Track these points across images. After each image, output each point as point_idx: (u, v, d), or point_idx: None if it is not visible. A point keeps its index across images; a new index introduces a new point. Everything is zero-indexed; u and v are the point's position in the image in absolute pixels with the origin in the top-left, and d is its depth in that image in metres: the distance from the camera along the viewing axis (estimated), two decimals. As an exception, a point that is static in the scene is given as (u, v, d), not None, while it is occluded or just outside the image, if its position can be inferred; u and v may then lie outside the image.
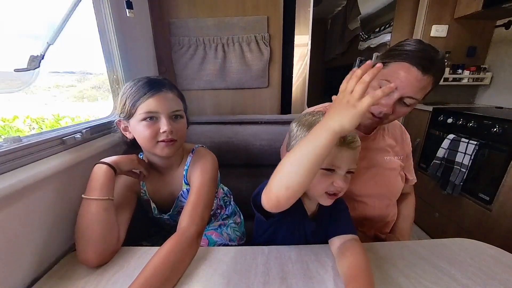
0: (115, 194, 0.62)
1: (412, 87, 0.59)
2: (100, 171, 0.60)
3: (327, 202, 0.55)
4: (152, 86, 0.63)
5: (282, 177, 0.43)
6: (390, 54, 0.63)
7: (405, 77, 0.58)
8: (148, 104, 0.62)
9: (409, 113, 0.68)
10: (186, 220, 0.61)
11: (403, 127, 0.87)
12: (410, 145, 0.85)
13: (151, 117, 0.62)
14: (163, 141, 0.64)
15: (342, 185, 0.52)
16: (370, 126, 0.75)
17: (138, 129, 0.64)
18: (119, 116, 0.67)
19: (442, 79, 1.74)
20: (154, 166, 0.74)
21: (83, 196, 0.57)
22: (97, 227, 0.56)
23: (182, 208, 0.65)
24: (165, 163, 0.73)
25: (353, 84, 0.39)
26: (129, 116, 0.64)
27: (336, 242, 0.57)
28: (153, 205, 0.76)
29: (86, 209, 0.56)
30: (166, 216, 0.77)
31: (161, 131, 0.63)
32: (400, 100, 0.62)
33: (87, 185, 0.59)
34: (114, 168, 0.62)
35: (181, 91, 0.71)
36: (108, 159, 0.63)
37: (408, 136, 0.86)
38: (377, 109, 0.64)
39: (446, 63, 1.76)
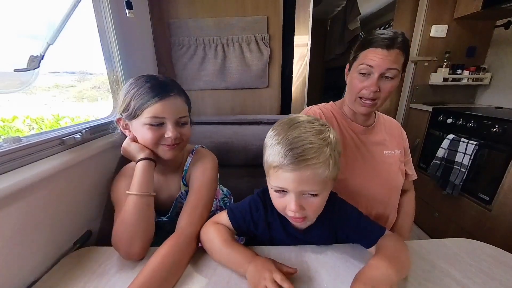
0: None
1: (384, 61, 0.67)
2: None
3: (294, 223, 0.55)
4: (161, 89, 0.61)
5: (209, 250, 0.57)
6: (358, 48, 0.73)
7: (375, 57, 0.68)
8: (155, 109, 0.60)
9: (408, 113, 0.71)
10: (184, 221, 0.60)
11: (399, 124, 0.90)
12: (407, 141, 0.88)
13: (157, 122, 0.62)
14: (166, 144, 0.63)
15: (294, 208, 0.47)
16: (367, 114, 0.77)
17: (141, 131, 0.63)
18: (120, 114, 0.66)
19: (442, 79, 1.76)
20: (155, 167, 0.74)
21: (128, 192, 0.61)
22: (141, 222, 0.59)
23: (181, 209, 0.65)
24: (165, 163, 0.73)
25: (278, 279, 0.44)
26: (132, 117, 0.63)
27: (373, 249, 0.57)
28: None
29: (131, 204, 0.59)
30: (165, 219, 0.77)
31: (166, 136, 0.62)
32: (382, 76, 0.69)
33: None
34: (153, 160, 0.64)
35: (187, 93, 0.70)
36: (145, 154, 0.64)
37: (404, 132, 0.89)
38: (365, 91, 0.71)
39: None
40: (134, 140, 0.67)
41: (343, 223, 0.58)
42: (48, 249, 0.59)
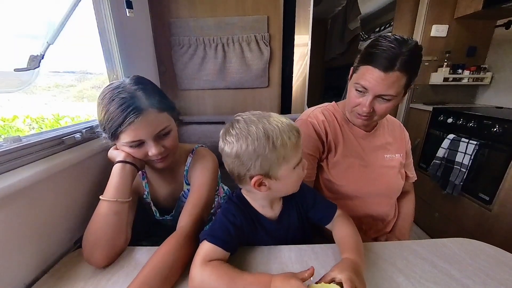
0: None
1: (379, 86, 0.63)
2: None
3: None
4: (129, 110, 0.54)
5: None
6: (360, 58, 0.68)
7: (371, 78, 0.63)
8: (129, 134, 0.56)
9: (409, 113, 0.70)
10: (185, 219, 0.61)
11: (402, 126, 0.88)
12: (410, 142, 0.86)
13: (135, 144, 0.59)
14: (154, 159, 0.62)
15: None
16: (362, 126, 0.77)
17: (125, 149, 0.62)
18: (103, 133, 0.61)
19: (442, 79, 1.76)
20: (154, 168, 0.74)
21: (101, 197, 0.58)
22: (107, 229, 0.56)
23: None
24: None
25: None
26: (112, 140, 0.60)
27: (329, 225, 0.63)
28: (154, 208, 0.76)
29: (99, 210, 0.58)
30: (169, 217, 0.77)
31: (149, 154, 0.60)
32: (378, 97, 0.66)
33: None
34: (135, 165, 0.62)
35: (162, 96, 0.63)
36: (121, 157, 0.61)
37: (407, 134, 0.87)
38: (360, 109, 0.69)
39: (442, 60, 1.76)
40: None
41: (302, 200, 0.63)
42: (48, 248, 0.59)
